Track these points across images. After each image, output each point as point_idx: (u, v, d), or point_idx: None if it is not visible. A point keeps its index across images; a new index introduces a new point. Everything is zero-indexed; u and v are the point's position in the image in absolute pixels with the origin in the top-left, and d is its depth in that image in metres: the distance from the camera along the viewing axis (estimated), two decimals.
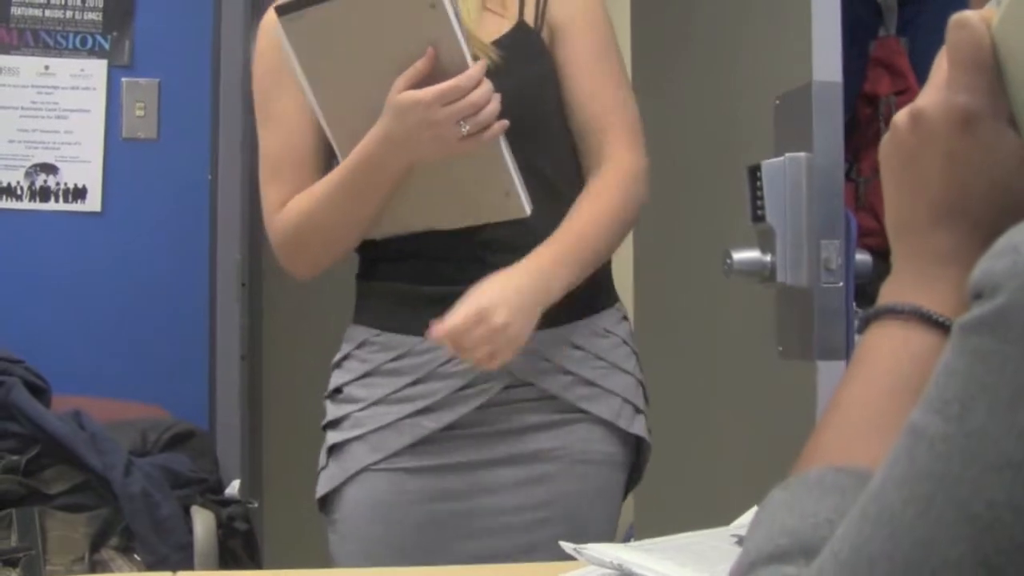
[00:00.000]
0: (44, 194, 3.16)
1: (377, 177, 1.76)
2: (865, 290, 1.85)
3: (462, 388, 1.85)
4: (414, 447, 1.87)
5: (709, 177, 2.24)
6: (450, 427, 1.87)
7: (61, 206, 3.16)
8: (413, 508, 1.89)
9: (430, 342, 1.80)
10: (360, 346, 1.93)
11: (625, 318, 1.99)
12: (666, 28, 2.57)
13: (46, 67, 3.17)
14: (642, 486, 2.03)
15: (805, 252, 1.78)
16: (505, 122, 1.70)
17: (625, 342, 1.96)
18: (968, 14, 0.80)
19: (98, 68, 3.20)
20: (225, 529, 2.78)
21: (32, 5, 3.17)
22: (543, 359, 1.87)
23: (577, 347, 1.90)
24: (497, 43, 1.83)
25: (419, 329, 1.82)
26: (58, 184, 3.16)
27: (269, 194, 1.89)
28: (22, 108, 3.16)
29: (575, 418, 1.90)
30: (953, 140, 0.79)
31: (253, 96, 1.96)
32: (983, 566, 0.59)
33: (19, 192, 3.14)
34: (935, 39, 2.33)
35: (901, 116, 0.83)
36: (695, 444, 2.33)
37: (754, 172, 1.84)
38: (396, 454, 1.87)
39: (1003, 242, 0.63)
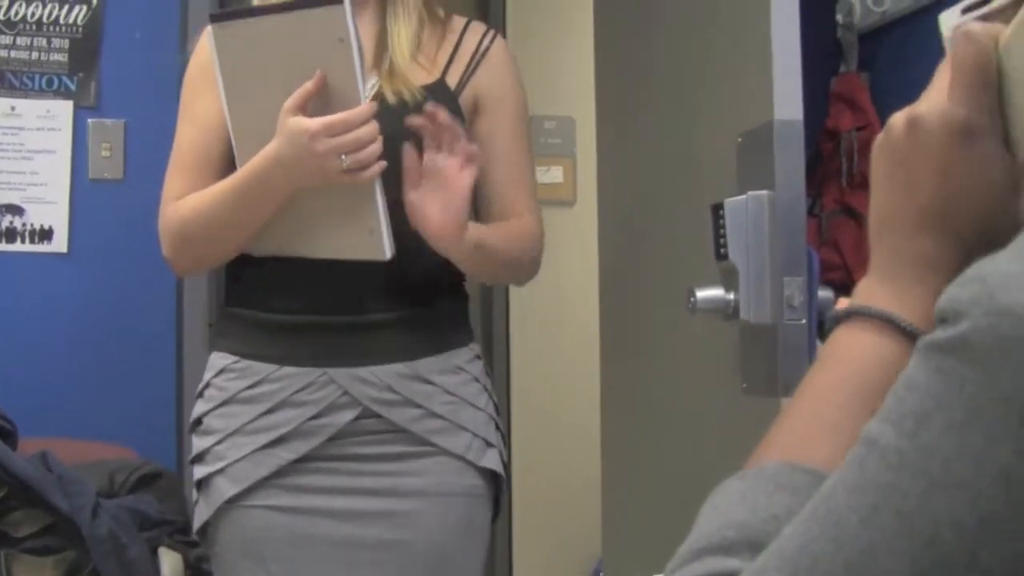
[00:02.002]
0: (10, 235, 3.15)
1: (264, 192, 1.84)
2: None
3: (313, 417, 1.90)
4: (273, 478, 1.92)
5: (673, 215, 2.25)
6: (307, 458, 1.91)
7: (27, 247, 3.16)
8: (280, 543, 1.93)
9: (285, 370, 1.91)
10: (219, 374, 1.98)
11: (478, 357, 2.08)
12: (629, 66, 2.59)
13: (12, 108, 3.18)
14: (609, 521, 2.04)
15: (768, 289, 1.79)
16: (383, 163, 1.79)
17: (476, 379, 2.04)
18: (976, 28, 0.81)
19: (64, 109, 3.20)
20: (193, 570, 2.78)
21: None
22: (392, 392, 1.92)
23: (427, 382, 1.97)
24: None
25: (276, 357, 1.89)
26: (24, 225, 3.15)
27: (171, 182, 1.98)
28: None
29: (429, 451, 1.97)
30: (949, 151, 0.80)
31: (181, 92, 2.05)
32: None
33: None
34: (895, 74, 2.38)
35: (899, 118, 0.84)
36: (660, 479, 2.34)
37: (717, 210, 1.85)
38: (256, 486, 1.92)
39: (971, 271, 0.64)
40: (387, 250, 1.84)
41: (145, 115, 3.24)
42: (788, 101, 1.80)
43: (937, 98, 0.82)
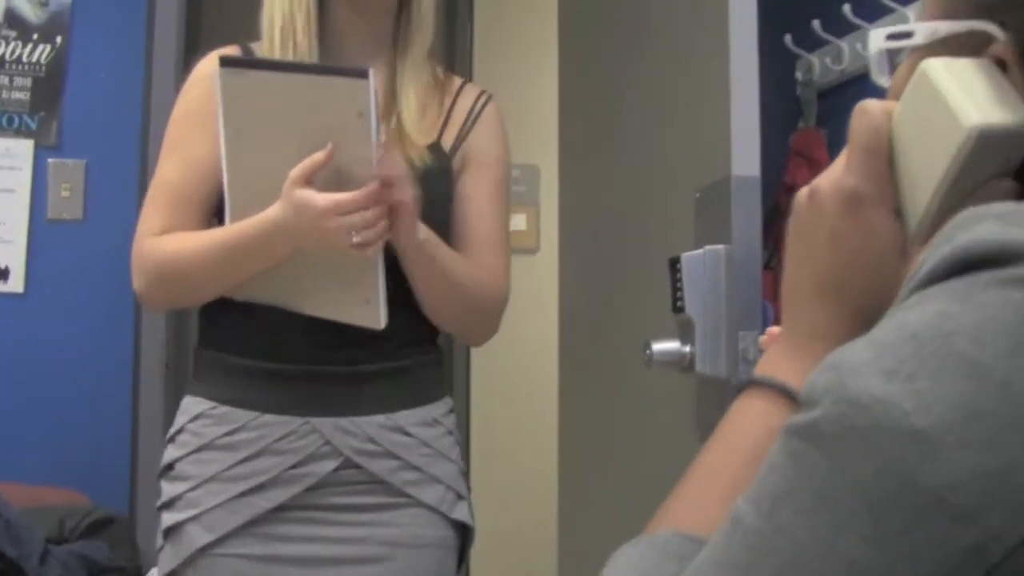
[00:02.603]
0: None
1: (260, 252, 1.81)
2: None
3: (294, 466, 1.89)
4: (247, 527, 1.89)
5: (631, 266, 2.27)
6: (282, 507, 1.90)
7: None
8: None
9: (265, 417, 1.89)
10: (195, 419, 1.95)
11: (452, 410, 2.08)
12: (592, 116, 2.61)
13: None
14: (565, 569, 2.04)
15: (723, 343, 1.80)
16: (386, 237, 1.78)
17: (450, 432, 2.05)
18: (871, 102, 0.84)
19: (24, 148, 3.19)
20: None
21: None
22: (373, 443, 1.92)
23: (406, 434, 1.97)
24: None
25: (257, 404, 1.88)
26: None
27: (150, 216, 1.93)
28: None
29: (404, 502, 1.96)
30: (838, 219, 0.83)
31: (168, 124, 1.99)
32: None
33: None
34: None
35: (803, 192, 0.87)
36: (615, 527, 2.33)
37: (674, 263, 1.87)
38: (230, 535, 1.89)
39: (829, 359, 0.66)
40: (382, 320, 1.83)
41: (106, 156, 3.23)
42: (746, 157, 1.82)
43: (835, 170, 0.84)
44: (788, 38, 2.85)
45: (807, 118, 2.82)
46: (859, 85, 2.67)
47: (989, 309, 0.61)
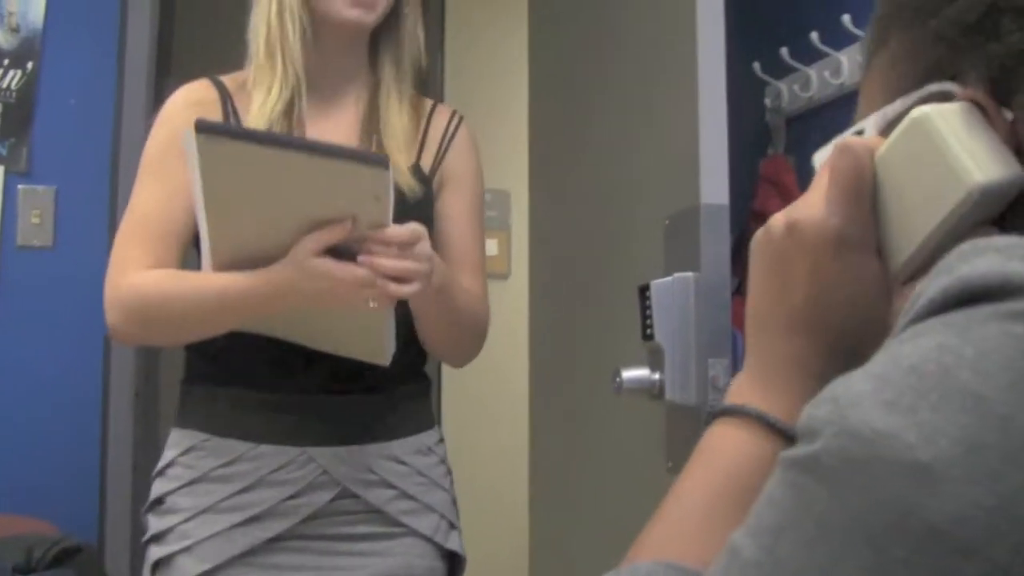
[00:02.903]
0: None
1: (261, 307, 1.77)
2: None
3: (291, 497, 1.88)
4: (243, 557, 1.88)
5: (601, 293, 2.27)
6: (278, 537, 1.88)
7: None
8: None
9: (262, 448, 1.86)
10: (186, 452, 1.92)
11: (442, 440, 2.10)
12: (562, 143, 2.62)
13: None
14: None
15: (693, 370, 1.81)
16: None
17: (443, 461, 2.07)
18: (854, 141, 0.84)
19: None
20: None
21: None
22: (371, 472, 1.92)
23: (401, 463, 1.97)
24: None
25: (253, 435, 1.86)
26: None
27: (129, 251, 1.87)
28: None
29: (398, 532, 1.97)
30: (822, 258, 0.83)
31: (144, 152, 1.95)
32: None
33: None
34: None
35: (778, 220, 0.86)
36: (587, 555, 2.34)
37: (644, 291, 1.87)
38: (224, 565, 1.87)
39: (827, 390, 0.66)
40: (389, 358, 1.82)
41: (77, 182, 3.22)
42: (715, 186, 1.83)
43: (815, 204, 0.84)
44: (757, 65, 2.87)
45: (776, 145, 2.84)
46: (827, 112, 2.69)
47: (990, 342, 0.61)
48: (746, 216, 2.79)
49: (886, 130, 0.85)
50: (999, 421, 0.59)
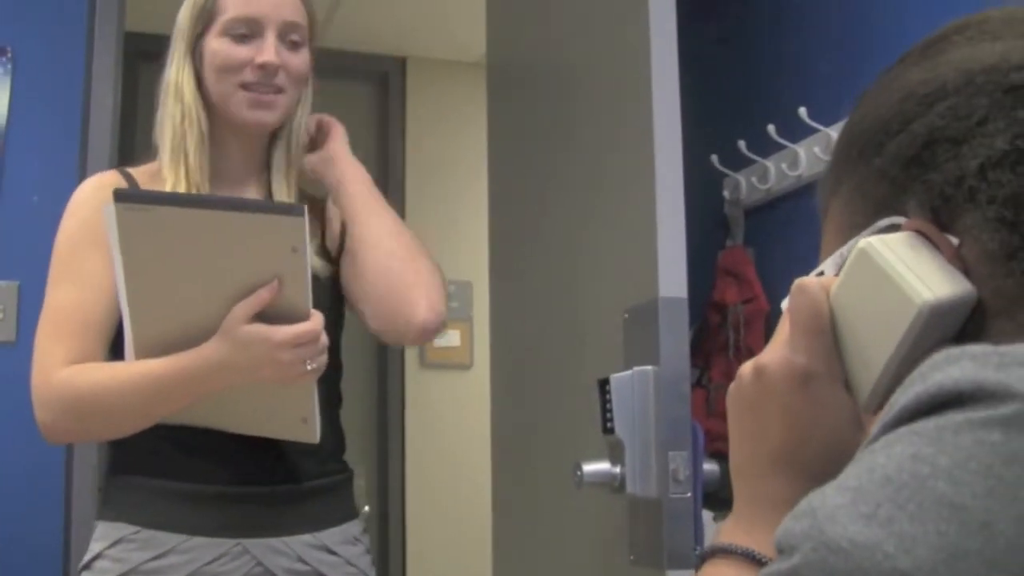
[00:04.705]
0: None
1: (195, 388, 1.78)
2: (717, 496, 1.90)
3: None
4: None
5: (561, 386, 2.28)
6: None
7: None
8: None
9: (195, 540, 1.86)
10: (114, 544, 1.90)
11: (365, 530, 2.11)
12: (521, 235, 2.63)
13: None
14: None
15: (654, 463, 1.81)
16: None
17: (368, 551, 2.08)
18: (809, 281, 0.87)
19: None
20: None
21: None
22: (303, 563, 1.93)
23: (332, 552, 1.99)
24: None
25: (185, 527, 1.86)
26: None
27: (53, 348, 1.87)
28: None
29: None
30: (791, 397, 0.85)
31: (56, 248, 1.99)
32: None
33: None
34: (779, 249, 2.45)
35: (746, 368, 0.89)
36: None
37: (603, 385, 1.88)
38: None
39: (803, 504, 0.67)
40: (317, 435, 1.84)
41: (39, 278, 3.18)
42: (673, 279, 1.85)
43: (779, 348, 0.87)
44: (715, 158, 2.91)
45: (735, 236, 2.87)
46: (786, 204, 2.73)
47: (964, 451, 0.62)
48: (706, 307, 2.82)
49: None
50: (980, 528, 0.60)
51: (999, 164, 0.79)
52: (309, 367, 1.74)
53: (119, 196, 1.64)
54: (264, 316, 1.72)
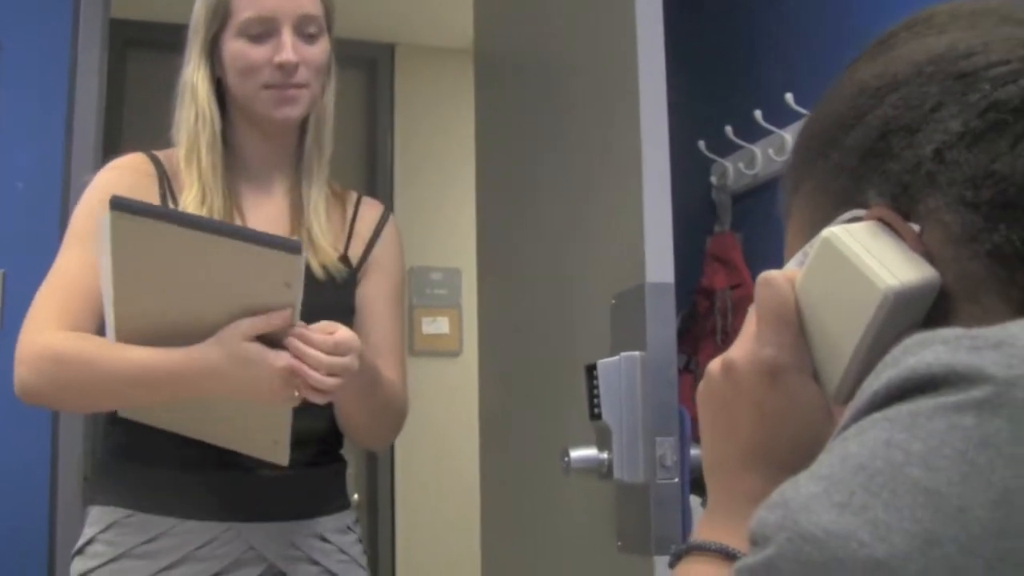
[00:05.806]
0: None
1: (179, 387, 1.77)
2: (701, 482, 1.90)
3: (216, 574, 1.89)
4: None
5: (549, 372, 2.28)
6: None
7: None
8: None
9: (188, 524, 1.87)
10: (107, 529, 1.91)
11: (357, 520, 2.12)
12: (509, 221, 2.63)
13: None
14: None
15: (641, 449, 1.81)
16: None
17: (360, 540, 2.09)
18: (774, 274, 0.87)
19: None
20: None
21: None
22: (296, 548, 1.94)
23: (325, 540, 2.00)
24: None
25: (178, 510, 1.86)
26: None
27: (47, 307, 1.88)
28: None
29: None
30: (760, 391, 0.85)
31: (74, 217, 1.97)
32: None
33: None
34: (766, 234, 2.45)
35: (715, 365, 0.89)
36: None
37: (591, 370, 1.88)
38: None
39: (776, 494, 0.67)
40: (286, 458, 1.84)
41: (24, 265, 3.19)
42: (660, 264, 1.84)
43: (747, 342, 0.87)
44: (702, 143, 2.91)
45: (722, 222, 2.87)
46: (772, 189, 2.73)
47: (938, 436, 0.61)
48: (694, 293, 2.82)
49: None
50: (956, 513, 0.59)
51: (955, 145, 0.79)
52: (295, 395, 1.74)
53: (116, 204, 1.61)
54: (264, 338, 1.72)
